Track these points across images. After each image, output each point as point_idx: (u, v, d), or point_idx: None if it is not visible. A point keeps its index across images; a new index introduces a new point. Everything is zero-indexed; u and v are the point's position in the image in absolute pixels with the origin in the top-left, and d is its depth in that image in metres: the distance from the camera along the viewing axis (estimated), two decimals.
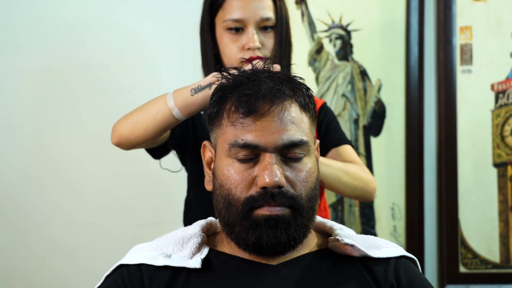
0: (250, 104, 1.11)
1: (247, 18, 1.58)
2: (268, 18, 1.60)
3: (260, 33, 1.60)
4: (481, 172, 2.34)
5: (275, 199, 1.10)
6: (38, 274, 2.20)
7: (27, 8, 2.23)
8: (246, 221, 1.11)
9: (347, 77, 2.34)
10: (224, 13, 1.61)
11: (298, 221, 1.12)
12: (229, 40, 1.61)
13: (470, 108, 2.34)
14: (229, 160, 1.14)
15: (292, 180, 1.12)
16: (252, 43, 1.57)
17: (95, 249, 2.21)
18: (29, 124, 2.24)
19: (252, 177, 1.12)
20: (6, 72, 2.22)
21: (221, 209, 1.15)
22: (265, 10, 1.60)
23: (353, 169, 1.64)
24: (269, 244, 1.11)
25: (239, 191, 1.12)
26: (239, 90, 1.14)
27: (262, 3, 1.60)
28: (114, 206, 2.24)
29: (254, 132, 1.11)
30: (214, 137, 1.19)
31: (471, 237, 2.32)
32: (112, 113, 2.23)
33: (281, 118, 1.12)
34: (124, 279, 1.15)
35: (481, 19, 2.35)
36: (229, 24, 1.60)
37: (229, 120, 1.13)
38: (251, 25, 1.58)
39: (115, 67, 2.26)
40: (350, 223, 2.31)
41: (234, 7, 1.59)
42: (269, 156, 1.11)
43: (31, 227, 2.21)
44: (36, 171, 2.23)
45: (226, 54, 1.62)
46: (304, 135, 1.14)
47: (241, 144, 1.11)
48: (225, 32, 1.61)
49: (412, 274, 1.20)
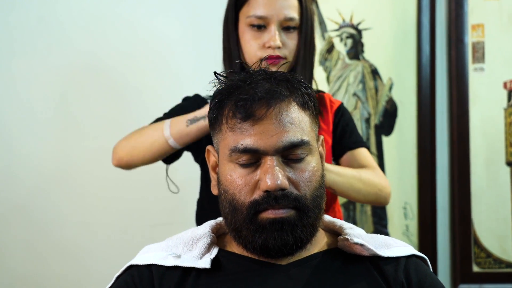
0: (247, 109, 1.10)
1: (271, 16, 1.57)
2: (292, 18, 1.58)
3: (282, 32, 1.59)
4: (494, 170, 2.32)
5: (279, 201, 1.10)
6: (51, 275, 2.22)
7: (42, 9, 2.25)
8: (252, 225, 1.11)
9: (358, 76, 2.34)
10: (249, 9, 1.59)
11: (304, 222, 1.12)
12: (251, 37, 1.59)
13: (482, 106, 2.33)
14: (231, 165, 1.13)
15: (295, 181, 1.12)
16: (273, 41, 1.56)
17: (108, 250, 2.22)
18: (39, 127, 2.26)
19: (255, 181, 1.11)
20: (19, 74, 2.24)
21: (227, 213, 1.15)
22: (290, 10, 1.58)
23: (366, 175, 1.62)
24: (276, 246, 1.11)
25: (243, 195, 1.12)
26: (235, 95, 1.13)
27: (287, 2, 1.59)
28: (126, 207, 2.25)
29: (253, 136, 1.10)
30: (216, 142, 1.19)
31: (484, 236, 2.31)
32: (124, 115, 2.26)
33: (279, 120, 1.11)
34: (135, 279, 1.16)
35: (493, 17, 2.34)
36: (252, 21, 1.58)
37: (228, 125, 1.13)
38: (274, 24, 1.57)
39: (127, 67, 2.28)
40: (362, 222, 2.31)
41: (259, 3, 1.58)
42: (270, 159, 1.10)
43: (44, 229, 2.23)
44: (49, 174, 2.25)
45: (247, 50, 1.61)
46: (305, 134, 1.13)
47: (241, 149, 1.11)
48: (248, 28, 1.60)
49: (423, 273, 1.19)
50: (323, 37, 2.34)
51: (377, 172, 1.65)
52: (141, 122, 1.69)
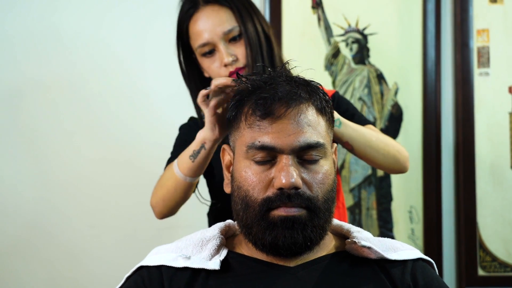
0: (267, 107, 1.13)
1: (211, 39, 1.60)
2: (230, 30, 1.61)
3: (230, 46, 1.61)
4: (499, 174, 2.33)
5: (292, 200, 1.11)
6: (59, 278, 2.24)
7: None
8: (263, 221, 1.12)
9: (364, 81, 2.35)
10: (193, 42, 1.64)
11: (315, 222, 1.13)
12: (208, 63, 1.63)
13: (487, 110, 2.34)
14: (246, 162, 1.15)
15: (308, 181, 1.13)
16: (225, 59, 1.60)
17: (115, 252, 2.24)
18: (47, 129, 2.28)
19: (269, 178, 1.13)
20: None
21: (238, 210, 1.16)
22: (224, 25, 1.60)
23: (383, 136, 1.60)
24: (285, 244, 1.12)
25: (256, 192, 1.13)
26: (256, 94, 1.16)
27: (219, 18, 1.61)
28: (133, 211, 2.27)
29: (270, 134, 1.13)
30: (232, 140, 1.21)
31: (490, 240, 2.31)
32: (130, 117, 2.28)
33: (297, 120, 1.13)
34: (145, 280, 1.17)
35: (498, 22, 2.35)
36: (201, 50, 1.63)
37: (247, 122, 1.15)
38: (219, 43, 1.60)
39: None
40: (368, 226, 2.32)
41: (197, 32, 1.62)
42: (285, 157, 1.12)
43: (53, 231, 2.25)
44: (58, 177, 2.26)
45: (212, 75, 1.64)
46: (321, 137, 1.15)
47: (258, 146, 1.13)
48: (202, 58, 1.64)
49: (429, 276, 1.20)
50: (329, 42, 2.35)
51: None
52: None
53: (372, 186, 2.33)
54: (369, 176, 2.33)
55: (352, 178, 2.32)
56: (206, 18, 1.61)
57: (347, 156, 2.32)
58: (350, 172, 2.32)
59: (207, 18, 1.61)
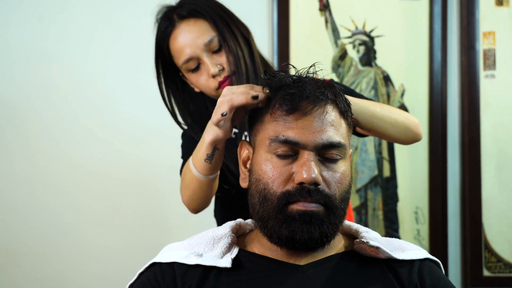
0: (294, 103, 1.15)
1: (194, 53, 1.59)
2: (210, 40, 1.59)
3: (215, 56, 1.60)
4: (505, 176, 2.34)
5: (312, 195, 1.13)
6: (72, 273, 2.26)
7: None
8: (281, 215, 1.14)
9: (370, 83, 2.36)
10: (177, 60, 1.62)
11: (331, 220, 1.15)
12: (196, 78, 1.62)
13: (493, 112, 2.35)
14: (268, 155, 1.17)
15: (327, 179, 1.15)
16: (212, 70, 1.58)
17: (126, 250, 2.26)
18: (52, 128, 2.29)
19: (289, 173, 1.15)
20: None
21: (255, 203, 1.18)
22: (203, 36, 1.59)
23: (387, 105, 1.54)
24: (302, 238, 1.13)
25: (276, 185, 1.15)
26: (283, 89, 1.18)
27: (197, 31, 1.60)
28: (142, 210, 2.29)
29: (295, 129, 1.15)
30: (254, 133, 1.22)
31: (495, 241, 2.32)
32: (136, 115, 2.29)
33: (322, 119, 1.16)
34: (157, 277, 1.19)
35: (504, 25, 2.36)
36: (186, 67, 1.61)
37: (272, 116, 1.18)
38: (203, 55, 1.59)
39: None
40: (374, 226, 2.33)
41: (179, 49, 1.60)
42: (307, 153, 1.14)
43: (66, 229, 2.27)
44: (71, 176, 2.28)
45: (202, 88, 1.64)
46: (342, 138, 1.18)
47: (281, 140, 1.15)
48: (189, 73, 1.63)
49: (436, 276, 1.22)
50: (336, 44, 2.36)
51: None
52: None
53: (378, 187, 2.34)
54: (376, 177, 2.35)
55: (359, 179, 2.33)
56: (185, 33, 1.59)
57: (354, 157, 2.33)
58: (357, 173, 2.33)
59: (185, 33, 1.59)
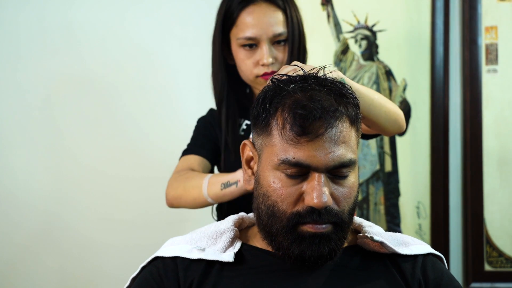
0: (305, 126, 1.09)
1: (260, 36, 1.61)
2: (280, 34, 1.62)
3: (273, 47, 1.62)
4: (507, 171, 2.34)
5: (322, 217, 1.11)
6: (74, 267, 2.27)
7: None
8: (291, 235, 1.12)
9: (372, 77, 2.36)
10: (238, 31, 1.63)
11: (339, 235, 1.13)
12: (244, 56, 1.63)
13: (495, 107, 2.35)
14: (276, 172, 1.13)
15: (337, 197, 1.13)
16: (265, 59, 1.60)
17: (128, 244, 2.27)
18: (61, 124, 2.30)
19: (299, 192, 1.12)
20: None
21: (263, 216, 1.15)
22: (277, 26, 1.61)
23: (380, 94, 1.50)
24: (312, 258, 1.12)
25: (285, 205, 1.12)
26: (293, 104, 1.11)
27: (274, 18, 1.62)
28: (145, 205, 2.29)
29: (307, 152, 1.09)
30: (259, 142, 1.17)
31: (496, 235, 2.32)
32: (143, 112, 2.30)
33: (334, 139, 1.10)
34: (160, 271, 1.19)
35: (507, 19, 2.35)
36: (243, 42, 1.62)
37: (281, 134, 1.12)
38: (264, 42, 1.61)
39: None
40: (375, 221, 2.33)
41: (247, 25, 1.61)
42: (318, 176, 1.10)
43: (66, 225, 2.27)
44: (71, 171, 2.29)
45: (242, 69, 1.65)
46: (353, 153, 1.14)
47: (292, 163, 1.10)
48: (240, 48, 1.64)
49: (439, 271, 1.22)
50: (338, 39, 2.36)
51: None
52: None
53: (380, 182, 2.34)
54: (377, 172, 2.35)
55: (361, 173, 2.33)
56: (263, 15, 1.61)
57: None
58: (358, 168, 2.33)
59: (263, 15, 1.61)
